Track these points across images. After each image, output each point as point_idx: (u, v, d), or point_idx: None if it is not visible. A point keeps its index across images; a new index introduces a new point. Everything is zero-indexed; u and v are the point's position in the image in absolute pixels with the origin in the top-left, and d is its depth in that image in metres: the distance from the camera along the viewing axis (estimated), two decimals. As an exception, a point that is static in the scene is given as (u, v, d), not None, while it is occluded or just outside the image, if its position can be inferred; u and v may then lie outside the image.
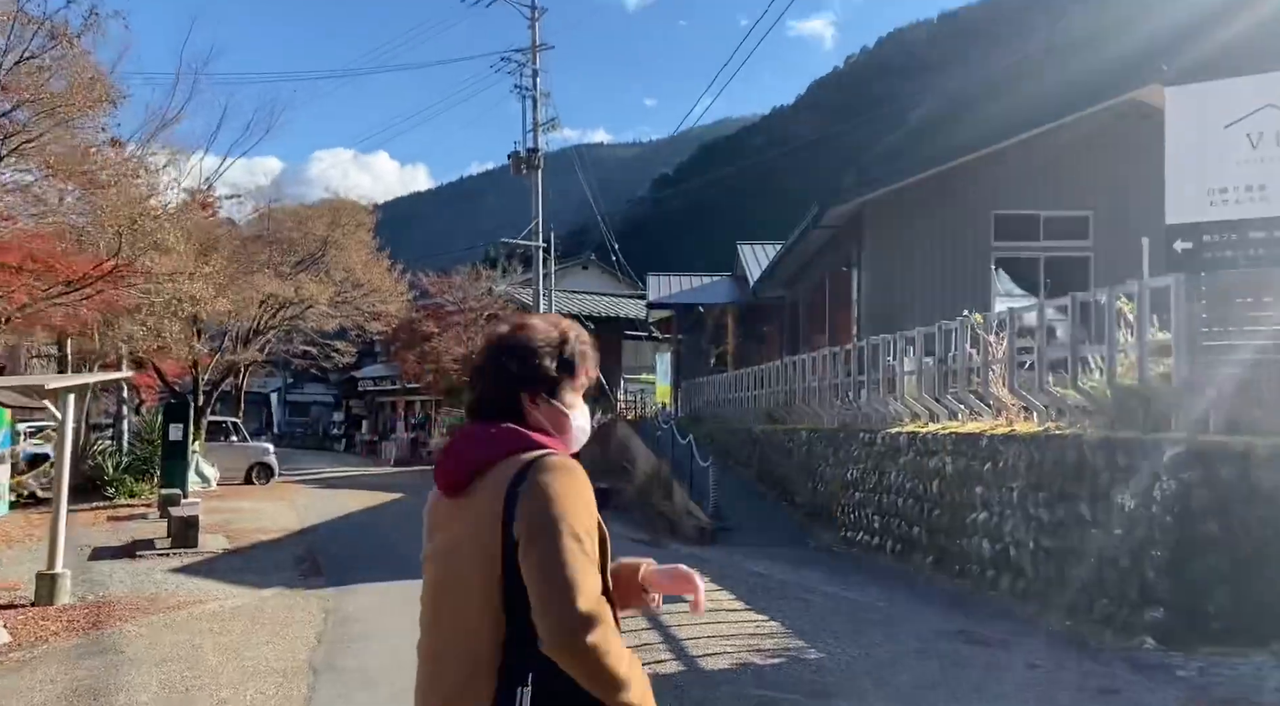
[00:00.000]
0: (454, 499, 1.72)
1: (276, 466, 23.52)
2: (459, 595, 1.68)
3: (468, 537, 1.67)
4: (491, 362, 1.78)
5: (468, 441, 1.75)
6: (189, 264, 13.61)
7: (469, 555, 1.66)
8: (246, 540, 12.57)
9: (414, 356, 30.14)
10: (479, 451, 1.71)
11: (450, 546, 1.72)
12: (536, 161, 30.03)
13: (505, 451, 1.69)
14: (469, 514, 1.68)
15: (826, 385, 13.66)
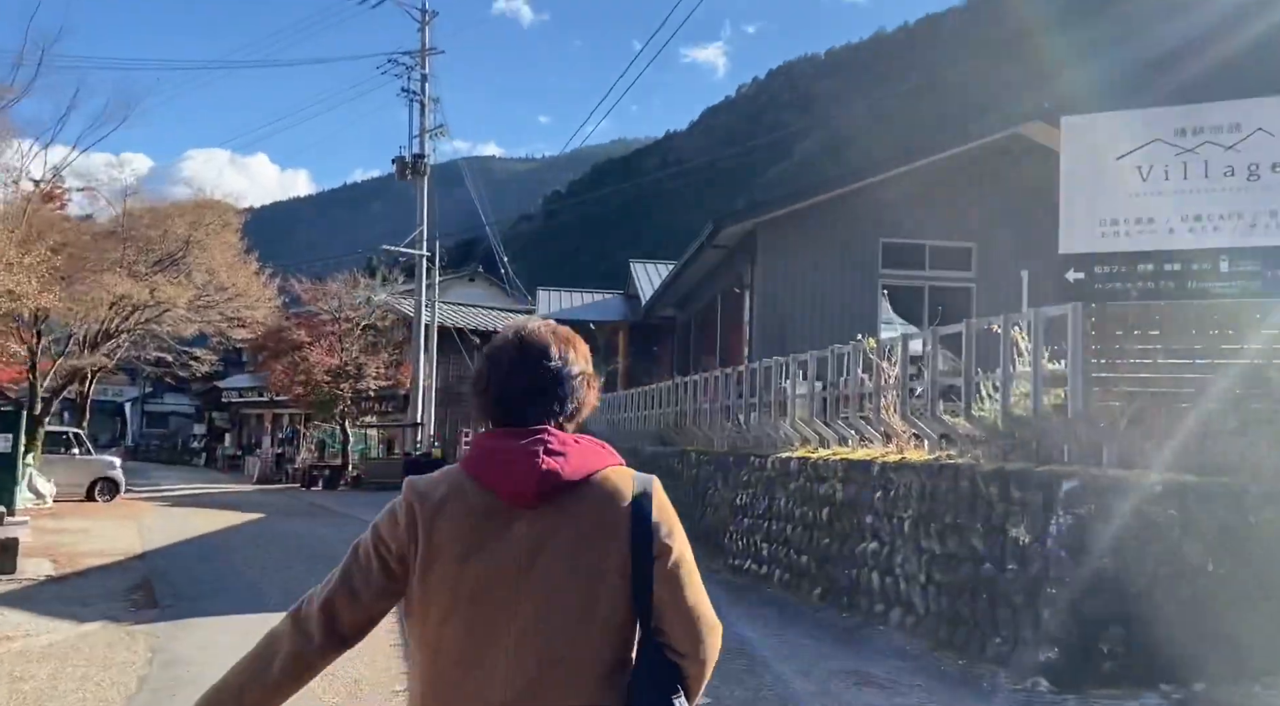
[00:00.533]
0: (527, 508, 1.57)
1: (122, 482, 21.66)
2: (570, 609, 1.56)
3: (581, 547, 1.57)
4: (567, 366, 1.67)
5: (564, 446, 1.61)
6: (7, 252, 12.09)
7: (586, 565, 1.57)
8: (76, 565, 11.27)
9: (283, 366, 28.53)
10: (585, 459, 1.61)
11: (547, 558, 1.57)
12: (422, 167, 29.11)
13: (606, 461, 1.64)
14: (574, 523, 1.58)
15: (718, 407, 13.37)
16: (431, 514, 1.59)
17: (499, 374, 1.66)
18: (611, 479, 1.62)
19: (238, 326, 23.37)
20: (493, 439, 1.65)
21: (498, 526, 1.58)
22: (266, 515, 18.85)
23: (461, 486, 1.61)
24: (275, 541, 14.21)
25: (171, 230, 20.49)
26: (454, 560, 1.56)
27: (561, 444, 1.60)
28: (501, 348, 1.69)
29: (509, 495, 1.57)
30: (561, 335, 1.71)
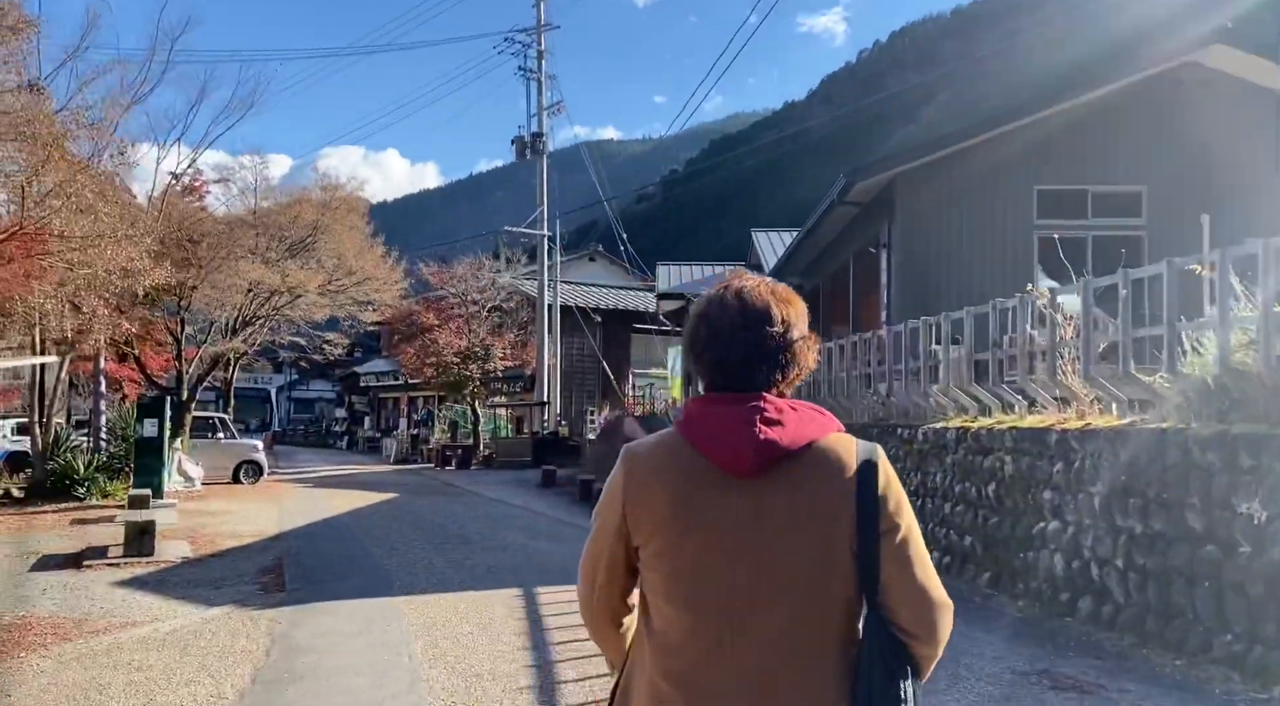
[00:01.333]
0: (749, 477, 1.48)
1: (265, 464, 22.36)
2: (794, 587, 1.47)
3: (804, 519, 1.48)
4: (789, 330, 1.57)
5: (781, 414, 1.51)
6: (116, 226, 12.07)
7: (810, 540, 1.48)
8: (213, 547, 11.36)
9: (414, 349, 28.94)
10: (804, 427, 1.51)
11: (768, 531, 1.47)
12: (541, 146, 28.83)
13: (827, 428, 1.54)
14: (795, 494, 1.48)
15: (856, 376, 12.39)
16: (646, 479, 1.54)
17: (719, 338, 1.56)
18: (835, 448, 1.53)
19: (367, 309, 23.70)
20: (708, 403, 1.56)
21: (715, 495, 1.50)
22: (399, 494, 18.98)
23: (677, 452, 1.54)
24: (405, 520, 14.11)
25: (302, 216, 20.84)
26: (669, 532, 1.50)
27: (779, 411, 1.51)
28: (720, 309, 1.58)
29: (725, 463, 1.49)
30: (781, 295, 1.61)
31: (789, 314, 1.58)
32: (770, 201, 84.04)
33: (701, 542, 1.48)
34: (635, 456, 1.58)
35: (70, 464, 16.58)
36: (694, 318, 1.62)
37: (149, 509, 14.01)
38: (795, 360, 1.58)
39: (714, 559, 1.48)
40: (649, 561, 1.53)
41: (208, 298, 19.49)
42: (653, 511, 1.52)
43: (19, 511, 15.10)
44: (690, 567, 1.49)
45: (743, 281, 1.62)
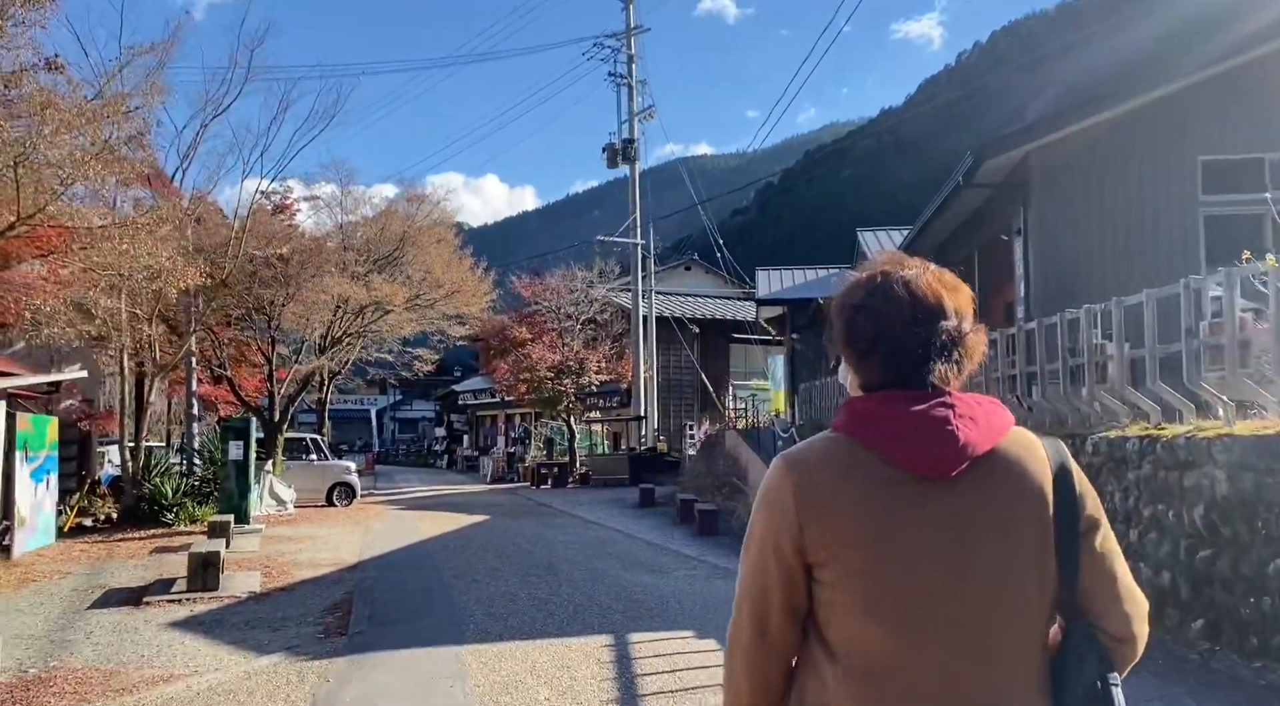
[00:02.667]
0: (938, 481, 1.36)
1: (358, 486, 21.82)
2: (1003, 596, 1.35)
3: (1006, 521, 1.36)
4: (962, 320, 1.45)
5: (972, 410, 1.39)
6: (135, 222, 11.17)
7: (1013, 545, 1.36)
8: (285, 578, 10.52)
9: (507, 364, 28.21)
10: (992, 422, 1.39)
11: (972, 538, 1.35)
12: (632, 152, 27.84)
13: (1008, 421, 1.41)
14: (993, 496, 1.37)
15: (995, 378, 10.77)
16: (826, 490, 1.37)
17: (889, 332, 1.41)
18: (1024, 443, 1.42)
19: (455, 324, 23.01)
20: (883, 403, 1.41)
21: (909, 504, 1.35)
22: (491, 517, 18.06)
23: (852, 458, 1.38)
24: (492, 546, 13.07)
25: (388, 229, 20.27)
26: (861, 546, 1.35)
27: (969, 407, 1.39)
28: (887, 301, 1.42)
29: (918, 466, 1.35)
30: (949, 283, 1.48)
31: (960, 304, 1.45)
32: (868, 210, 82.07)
33: (902, 555, 1.34)
34: (803, 464, 1.40)
35: (159, 488, 16.21)
36: (850, 310, 1.45)
37: (229, 536, 13.43)
38: (969, 354, 1.44)
39: (918, 572, 1.34)
40: (837, 582, 1.36)
41: (296, 315, 19.06)
42: (838, 526, 1.36)
43: (107, 538, 14.73)
44: (894, 584, 1.34)
45: (905, 269, 1.46)
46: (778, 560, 1.40)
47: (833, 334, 1.51)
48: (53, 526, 14.09)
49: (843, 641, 1.37)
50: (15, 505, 12.31)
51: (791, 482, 1.39)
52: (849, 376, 1.51)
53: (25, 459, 12.79)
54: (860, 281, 1.47)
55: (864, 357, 1.44)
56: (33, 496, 13.08)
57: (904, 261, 1.47)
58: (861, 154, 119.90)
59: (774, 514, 1.41)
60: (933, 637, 1.34)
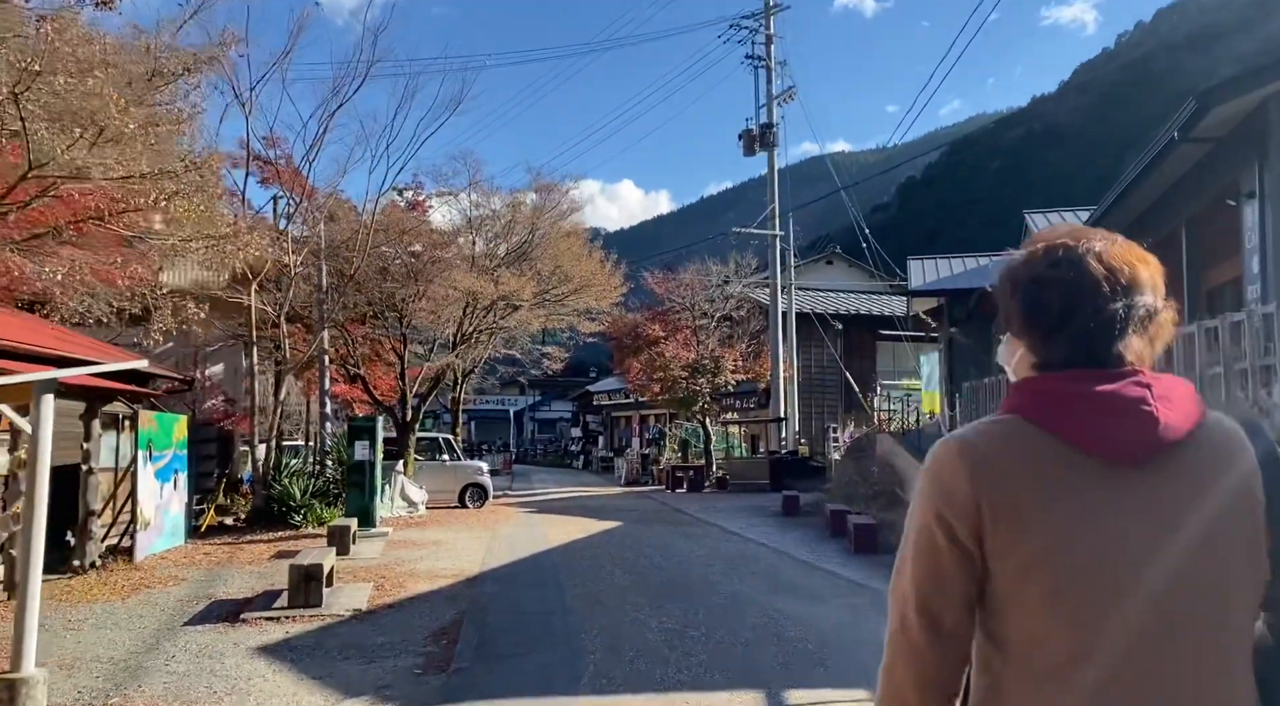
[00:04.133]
0: (1130, 468, 1.22)
1: (490, 487, 21.18)
2: (1207, 597, 1.21)
3: (1208, 516, 1.22)
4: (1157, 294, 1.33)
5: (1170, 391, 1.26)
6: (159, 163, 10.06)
7: (1217, 539, 1.22)
8: (397, 592, 9.64)
9: (640, 363, 27.10)
10: (1189, 404, 1.27)
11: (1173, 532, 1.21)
12: (771, 137, 26.23)
13: (1203, 404, 1.29)
14: (1195, 484, 1.23)
15: (1215, 373, 8.78)
16: (1003, 475, 1.24)
17: (1081, 307, 1.27)
18: (1223, 427, 1.29)
19: (586, 319, 22.05)
20: (1069, 381, 1.27)
21: (1099, 491, 1.22)
22: (623, 523, 16.94)
23: (1031, 441, 1.25)
24: (623, 560, 11.88)
25: (518, 217, 19.47)
26: (1047, 534, 1.21)
27: (1165, 387, 1.26)
28: (1078, 273, 1.28)
29: (1113, 452, 1.22)
30: (1139, 254, 1.33)
31: (1155, 277, 1.32)
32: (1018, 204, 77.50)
33: (1093, 546, 1.20)
34: (975, 447, 1.27)
35: (287, 489, 15.88)
36: (1032, 283, 1.31)
37: (351, 541, 12.79)
38: (1161, 332, 1.32)
39: (1111, 564, 1.20)
40: (1016, 572, 1.23)
41: (426, 312, 18.53)
42: (1021, 510, 1.22)
43: (236, 540, 14.43)
44: (1084, 577, 1.20)
45: (1094, 241, 1.33)
46: (952, 545, 1.25)
47: (1007, 311, 1.35)
48: (182, 527, 13.85)
49: (1021, 637, 1.23)
50: (140, 506, 12.02)
51: (967, 462, 1.25)
52: (1015, 357, 1.37)
53: (150, 458, 12.50)
54: (1040, 252, 1.33)
55: (1049, 336, 1.30)
56: (158, 497, 12.80)
57: (1086, 232, 1.34)
58: (1011, 145, 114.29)
59: (946, 495, 1.26)
60: (1124, 635, 1.19)
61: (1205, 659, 1.20)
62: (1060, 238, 1.34)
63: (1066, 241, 1.32)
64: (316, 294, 18.37)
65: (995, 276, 1.39)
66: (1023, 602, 1.23)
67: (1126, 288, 1.28)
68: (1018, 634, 1.24)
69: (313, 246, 18.01)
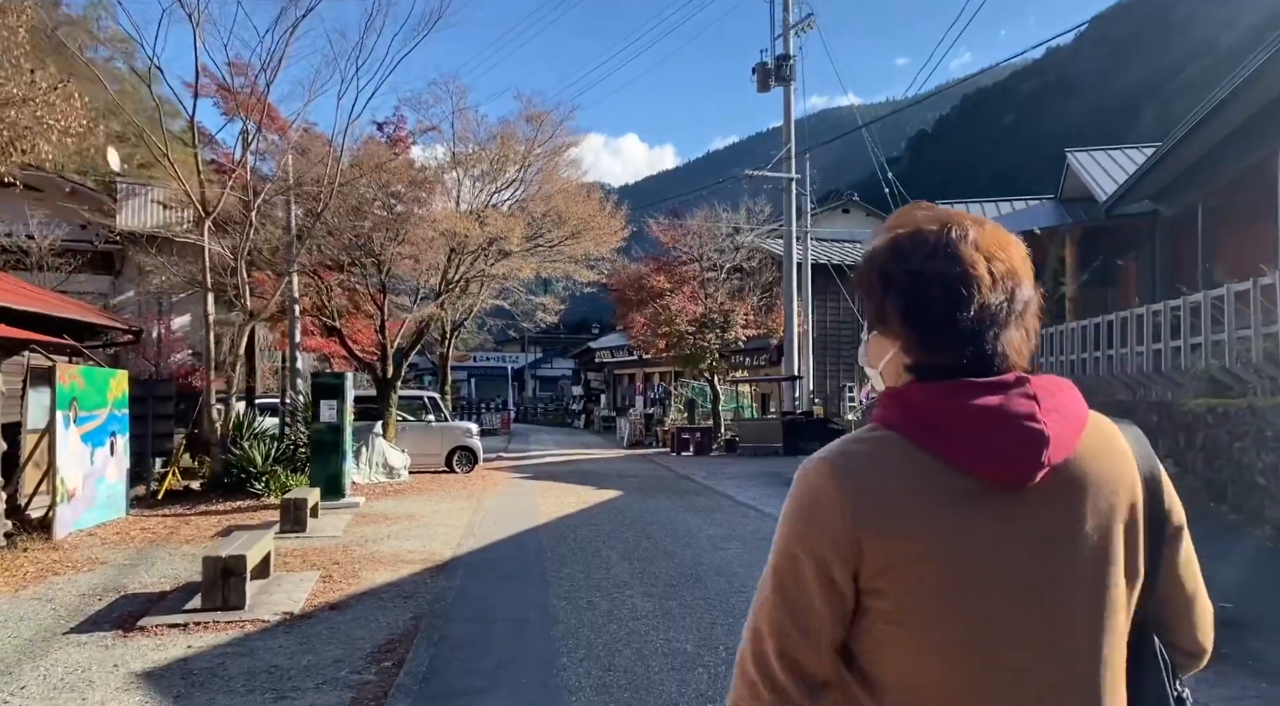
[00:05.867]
0: (1014, 489, 1.13)
1: (480, 450, 19.49)
2: (1092, 620, 1.15)
3: (1092, 537, 1.15)
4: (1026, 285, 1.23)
5: (1054, 398, 1.16)
6: None
7: (1102, 560, 1.15)
8: (348, 585, 7.94)
9: (644, 318, 25.27)
10: (1074, 412, 1.17)
11: (1058, 557, 1.14)
12: (787, 70, 24.10)
13: (1085, 409, 1.20)
14: (1077, 506, 1.15)
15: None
16: (884, 507, 1.13)
17: (968, 299, 1.15)
18: (1106, 433, 1.21)
19: (584, 267, 20.16)
20: (950, 395, 1.15)
21: (986, 518, 1.12)
22: (623, 493, 15.27)
23: (911, 463, 1.14)
24: (621, 542, 10.18)
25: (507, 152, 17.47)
26: (930, 571, 1.12)
27: (1051, 395, 1.15)
28: (957, 260, 1.17)
29: (1000, 475, 1.12)
30: (1009, 239, 1.23)
31: (1028, 265, 1.23)
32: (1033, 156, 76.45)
33: (979, 580, 1.11)
34: (856, 471, 1.15)
35: (247, 454, 14.18)
36: (911, 277, 1.17)
37: (306, 516, 11.11)
38: (1035, 324, 1.22)
39: (999, 599, 1.11)
40: (895, 613, 1.13)
41: (405, 257, 16.66)
42: (903, 547, 1.12)
43: (185, 511, 12.78)
44: (970, 615, 1.11)
45: (967, 226, 1.20)
46: (825, 584, 1.15)
47: (877, 307, 1.22)
48: (123, 497, 12.17)
49: (900, 682, 1.14)
50: (60, 475, 10.32)
51: (845, 493, 1.13)
52: (885, 358, 1.23)
53: (75, 420, 10.78)
54: (908, 241, 1.20)
55: (931, 336, 1.17)
56: (87, 464, 11.09)
57: (952, 216, 1.21)
58: (1024, 98, 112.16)
59: (821, 529, 1.14)
60: (1013, 675, 1.12)
61: (1088, 687, 1.13)
62: (925, 223, 1.21)
63: (934, 228, 1.19)
64: (285, 236, 16.54)
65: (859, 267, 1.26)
66: (903, 644, 1.13)
67: (1005, 279, 1.17)
68: (896, 678, 1.14)
69: (278, 183, 16.12)
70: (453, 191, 17.56)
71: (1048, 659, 1.12)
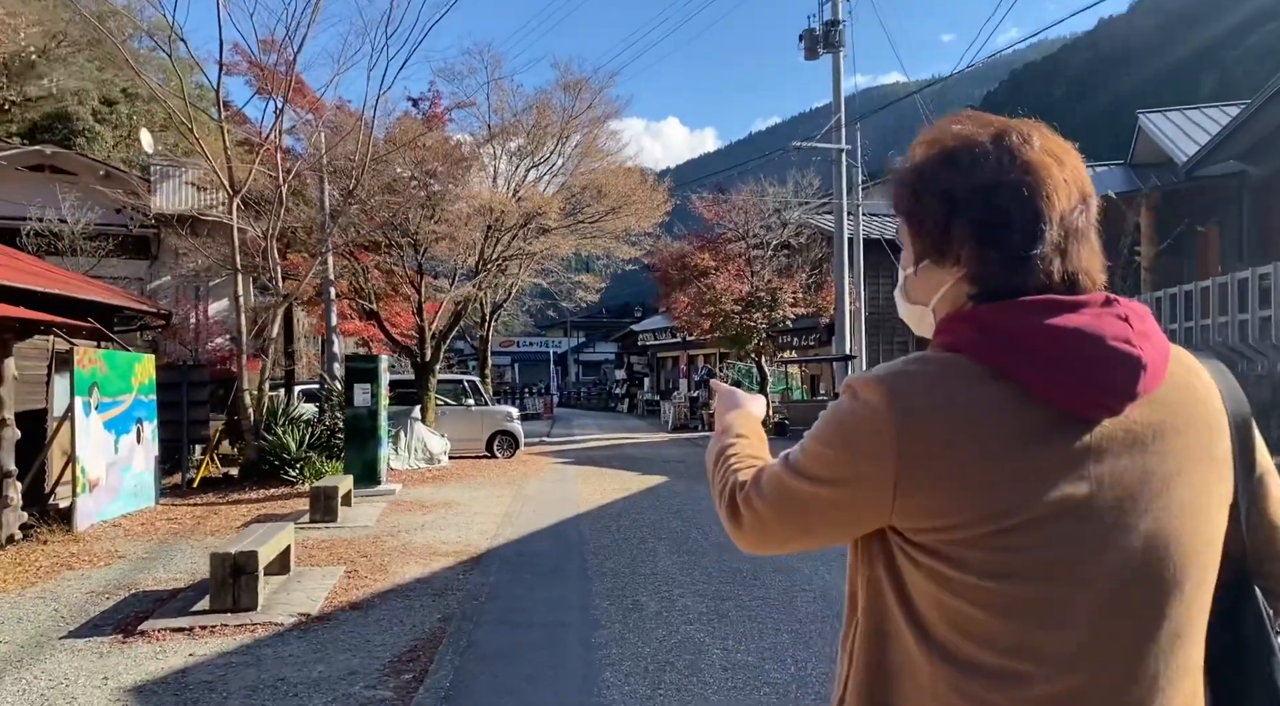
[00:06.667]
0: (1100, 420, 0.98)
1: (521, 435, 18.91)
2: (1190, 562, 1.00)
3: (1182, 473, 1.01)
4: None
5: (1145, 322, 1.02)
6: None
7: (1192, 499, 1.01)
8: (374, 582, 7.32)
9: (687, 298, 24.43)
10: (1161, 338, 1.03)
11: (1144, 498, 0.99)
12: (836, 36, 23.02)
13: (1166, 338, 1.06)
14: (1168, 437, 1.01)
15: None
16: (941, 437, 0.97)
17: (1033, 209, 1.02)
18: (1190, 366, 1.07)
19: (626, 244, 19.37)
20: (1030, 312, 1.00)
21: (1063, 451, 0.97)
22: (669, 478, 14.56)
23: (980, 391, 0.98)
24: (669, 532, 9.46)
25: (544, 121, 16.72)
26: (995, 520, 0.96)
27: (1140, 318, 1.02)
28: (1029, 168, 1.03)
29: (1086, 404, 0.97)
30: (1066, 143, 1.09)
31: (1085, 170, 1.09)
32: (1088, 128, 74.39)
33: (1058, 525, 0.95)
34: (909, 394, 0.99)
35: (280, 440, 13.70)
36: (984, 191, 1.03)
37: (336, 506, 10.56)
38: (1100, 245, 1.08)
39: (1077, 549, 0.96)
40: (951, 557, 0.97)
41: (439, 235, 16.04)
42: (957, 486, 0.96)
43: (217, 500, 12.33)
44: (1049, 566, 0.95)
45: (1025, 128, 1.07)
46: (848, 501, 1.02)
47: (940, 232, 1.05)
48: (151, 486, 11.74)
49: (961, 636, 0.99)
50: (81, 464, 9.86)
51: (895, 420, 0.96)
52: (940, 292, 1.08)
53: (96, 406, 10.31)
54: (976, 150, 1.04)
55: (1011, 258, 1.02)
56: (111, 452, 10.64)
57: (999, 122, 1.09)
58: (1076, 71, 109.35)
59: (859, 461, 1.00)
60: (1093, 630, 0.97)
61: (1176, 642, 0.99)
62: (975, 132, 1.07)
63: (989, 136, 1.06)
64: (320, 216, 16.03)
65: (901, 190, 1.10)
66: (964, 599, 0.97)
67: (1075, 184, 1.04)
68: (957, 632, 0.99)
69: (309, 160, 15.60)
70: (489, 166, 16.87)
71: (1140, 618, 0.97)
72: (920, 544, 1.00)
